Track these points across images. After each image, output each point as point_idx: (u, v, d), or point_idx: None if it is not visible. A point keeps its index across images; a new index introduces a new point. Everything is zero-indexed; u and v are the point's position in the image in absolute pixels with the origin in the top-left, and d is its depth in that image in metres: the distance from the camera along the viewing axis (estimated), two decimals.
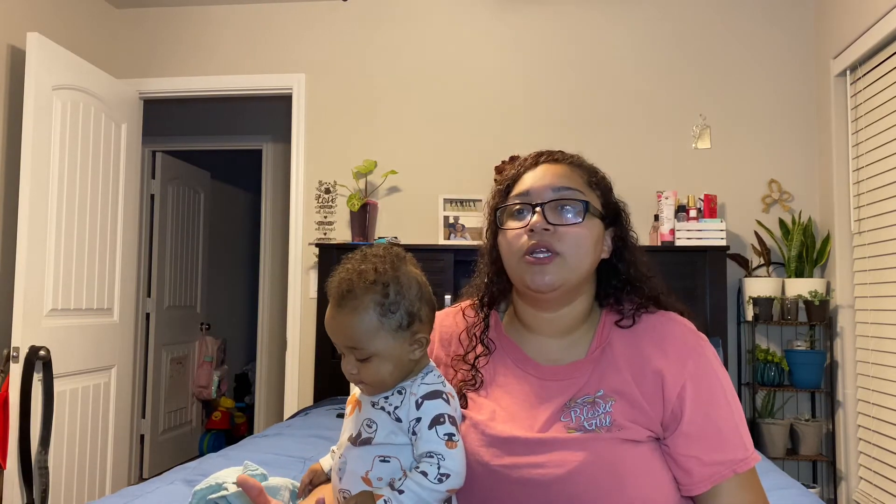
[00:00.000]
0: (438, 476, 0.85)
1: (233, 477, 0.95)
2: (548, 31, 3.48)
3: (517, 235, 1.01)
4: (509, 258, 1.02)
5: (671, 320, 1.04)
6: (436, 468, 0.86)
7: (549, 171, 1.04)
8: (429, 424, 0.88)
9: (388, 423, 0.91)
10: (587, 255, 1.01)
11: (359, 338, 0.90)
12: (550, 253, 0.98)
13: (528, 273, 0.99)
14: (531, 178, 1.04)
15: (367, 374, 0.91)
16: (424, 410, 0.89)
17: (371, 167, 3.43)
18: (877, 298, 2.75)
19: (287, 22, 3.68)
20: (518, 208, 1.03)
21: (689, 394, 0.96)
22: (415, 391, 0.91)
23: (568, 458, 0.92)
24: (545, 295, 1.00)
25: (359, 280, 0.90)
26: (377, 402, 0.93)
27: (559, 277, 0.98)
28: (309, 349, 3.46)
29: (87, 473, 3.18)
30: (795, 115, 3.29)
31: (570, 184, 1.02)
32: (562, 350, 1.04)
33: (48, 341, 2.88)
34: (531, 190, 1.02)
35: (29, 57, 2.88)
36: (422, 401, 0.90)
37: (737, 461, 0.93)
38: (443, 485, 0.86)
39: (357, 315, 0.90)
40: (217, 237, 5.61)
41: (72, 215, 3.08)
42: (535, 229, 0.98)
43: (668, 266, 3.04)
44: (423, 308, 0.94)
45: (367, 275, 0.91)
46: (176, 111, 4.64)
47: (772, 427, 2.98)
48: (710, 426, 0.95)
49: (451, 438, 0.88)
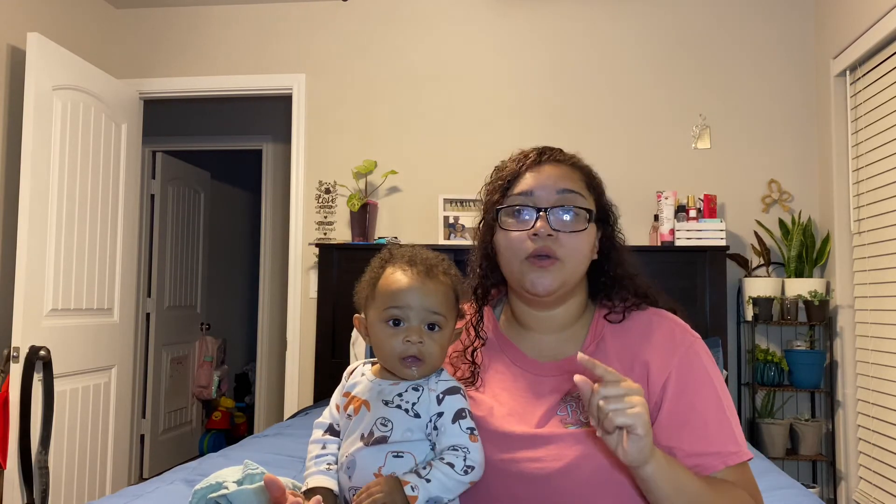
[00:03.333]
0: (465, 468, 0.88)
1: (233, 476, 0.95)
2: (548, 31, 3.48)
3: (519, 238, 1.01)
4: (510, 259, 1.03)
5: (660, 316, 1.05)
6: (462, 460, 0.88)
7: (553, 171, 1.04)
8: (452, 419, 0.91)
9: (404, 421, 0.92)
10: (585, 259, 1.03)
11: (444, 306, 0.96)
12: (551, 258, 0.99)
13: (528, 276, 1.00)
14: (534, 177, 1.04)
15: (432, 345, 0.95)
16: (447, 405, 0.92)
17: (371, 167, 3.43)
18: (877, 298, 2.75)
19: (287, 22, 3.68)
20: (520, 208, 1.03)
21: (672, 385, 0.96)
22: (433, 387, 0.94)
23: (565, 453, 0.93)
24: (544, 299, 1.02)
25: (438, 261, 0.99)
26: (391, 401, 0.94)
27: (558, 281, 1.00)
28: (309, 349, 3.46)
29: (87, 473, 3.18)
30: (795, 115, 3.29)
31: (572, 186, 1.03)
32: (557, 346, 1.06)
33: (48, 341, 2.88)
34: (535, 190, 1.02)
35: (29, 57, 2.88)
36: (443, 396, 0.93)
37: (727, 453, 0.93)
38: (467, 476, 0.89)
39: (444, 287, 0.97)
40: (217, 237, 5.61)
41: (72, 215, 3.08)
42: (539, 234, 0.99)
43: (667, 266, 3.04)
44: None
45: (445, 264, 1.00)
46: (176, 111, 4.64)
47: (771, 427, 2.98)
48: (694, 417, 0.95)
49: (472, 432, 0.92)
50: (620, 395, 0.79)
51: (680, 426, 0.95)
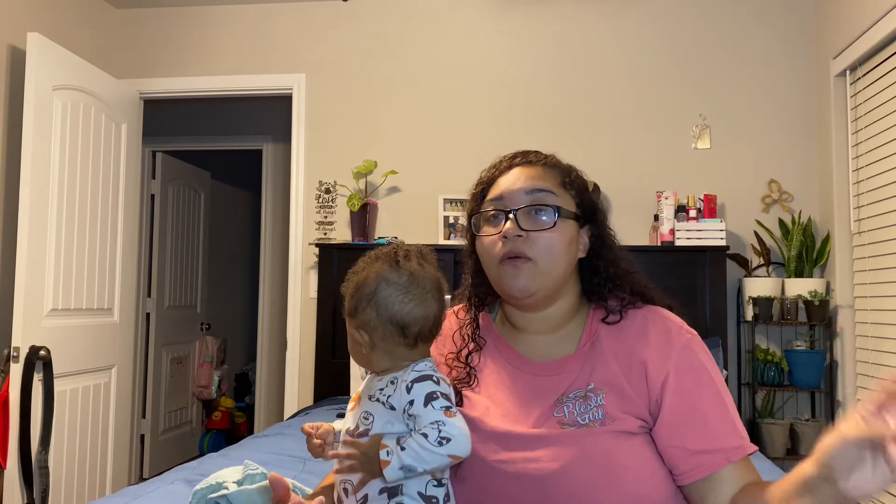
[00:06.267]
0: (438, 439, 0.88)
1: (233, 477, 0.96)
2: (548, 31, 3.48)
3: (493, 242, 1.03)
4: (488, 264, 1.05)
5: (656, 314, 1.05)
6: (436, 432, 0.89)
7: (523, 173, 1.06)
8: (423, 403, 0.91)
9: (383, 414, 0.94)
10: (560, 258, 1.02)
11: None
12: (522, 258, 1.00)
13: (504, 279, 1.01)
14: (505, 181, 1.06)
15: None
16: (415, 392, 0.92)
17: (371, 167, 3.43)
18: (876, 298, 2.75)
19: (287, 22, 3.68)
20: (493, 213, 1.04)
21: (672, 384, 0.97)
22: (405, 378, 0.94)
23: (562, 454, 0.93)
24: (523, 300, 1.02)
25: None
26: (373, 395, 0.96)
27: (533, 282, 1.00)
28: (309, 349, 3.46)
29: (87, 473, 3.18)
30: (795, 115, 3.29)
31: (542, 185, 1.04)
32: (552, 346, 1.06)
33: (48, 341, 2.88)
34: (504, 194, 1.04)
35: (29, 57, 2.88)
36: (411, 384, 0.93)
37: (729, 449, 0.93)
38: (443, 448, 0.88)
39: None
40: (217, 237, 5.61)
41: (72, 215, 3.08)
42: (508, 236, 1.00)
43: (667, 266, 3.04)
44: (370, 311, 0.98)
45: (364, 260, 1.01)
46: (176, 111, 4.64)
47: (771, 427, 2.98)
48: (695, 416, 0.95)
49: (447, 409, 0.91)
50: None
51: (681, 425, 0.95)
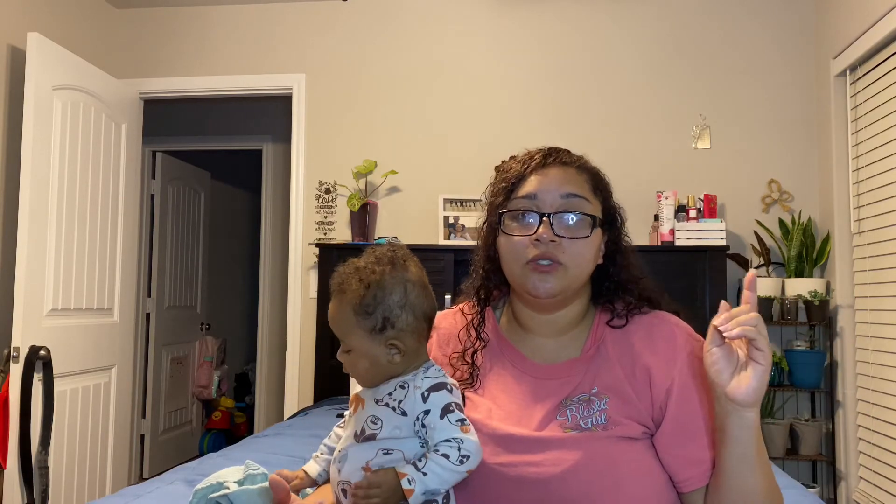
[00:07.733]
0: (459, 458, 0.89)
1: (234, 476, 0.95)
2: (548, 31, 3.48)
3: (522, 243, 0.99)
4: (512, 263, 1.02)
5: (662, 320, 1.04)
6: (456, 451, 0.89)
7: (558, 174, 1.02)
8: (440, 415, 0.91)
9: (392, 418, 0.93)
10: (588, 264, 1.02)
11: (339, 330, 0.97)
12: (554, 262, 0.98)
13: (530, 280, 0.99)
14: (538, 181, 1.02)
15: (347, 366, 0.98)
16: (432, 402, 0.92)
17: (371, 167, 3.43)
18: (877, 298, 2.75)
19: (287, 22, 3.68)
20: (523, 212, 1.01)
21: (676, 392, 0.96)
22: (419, 385, 0.93)
23: (564, 458, 0.92)
24: (544, 301, 1.01)
25: (350, 277, 0.96)
26: (381, 399, 0.95)
27: (560, 286, 0.99)
28: (309, 349, 3.46)
29: (87, 473, 3.18)
30: (795, 115, 3.29)
31: (577, 190, 1.01)
32: (557, 349, 1.05)
33: (48, 341, 2.88)
34: (538, 194, 1.00)
35: (29, 57, 2.88)
36: (428, 393, 0.92)
37: None
38: (463, 466, 0.89)
39: (340, 309, 0.96)
40: (217, 237, 5.60)
41: (72, 215, 3.08)
42: (541, 240, 0.97)
43: (667, 266, 3.04)
44: (406, 316, 0.95)
45: (360, 273, 0.96)
46: (176, 111, 4.64)
47: (772, 427, 2.98)
48: (699, 424, 0.95)
49: (463, 423, 0.92)
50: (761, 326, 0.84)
51: (683, 433, 0.94)
